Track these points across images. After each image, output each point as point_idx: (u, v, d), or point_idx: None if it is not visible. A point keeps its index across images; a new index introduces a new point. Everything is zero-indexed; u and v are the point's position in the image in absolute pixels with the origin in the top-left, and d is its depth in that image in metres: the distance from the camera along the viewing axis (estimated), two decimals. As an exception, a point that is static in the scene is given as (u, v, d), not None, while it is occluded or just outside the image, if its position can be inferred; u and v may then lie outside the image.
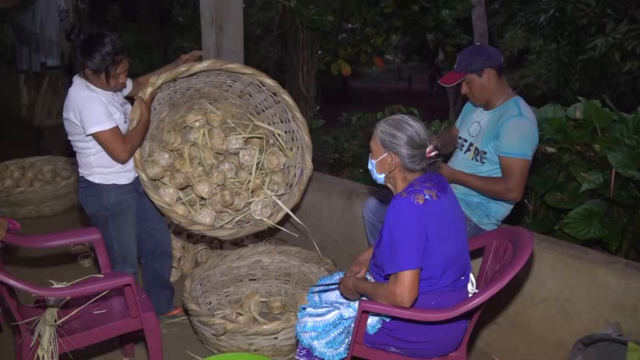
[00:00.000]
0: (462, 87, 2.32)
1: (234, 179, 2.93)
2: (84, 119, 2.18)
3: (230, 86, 2.86)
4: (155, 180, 2.73)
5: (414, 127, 1.69)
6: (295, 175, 2.92)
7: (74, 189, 4.60)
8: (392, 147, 1.70)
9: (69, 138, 2.33)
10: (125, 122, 2.35)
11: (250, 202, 2.84)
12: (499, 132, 2.19)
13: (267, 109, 2.95)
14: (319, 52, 4.76)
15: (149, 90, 2.41)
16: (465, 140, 2.41)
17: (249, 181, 2.90)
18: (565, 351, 2.13)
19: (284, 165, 2.93)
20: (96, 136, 2.21)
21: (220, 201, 2.77)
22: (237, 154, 2.97)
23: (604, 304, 2.07)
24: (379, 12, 5.04)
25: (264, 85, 2.72)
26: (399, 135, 1.68)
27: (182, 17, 12.71)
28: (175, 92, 2.72)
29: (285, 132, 2.94)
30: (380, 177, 1.79)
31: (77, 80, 2.26)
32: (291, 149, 2.94)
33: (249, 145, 2.96)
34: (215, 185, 2.82)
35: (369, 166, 1.81)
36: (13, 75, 6.65)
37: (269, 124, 3.00)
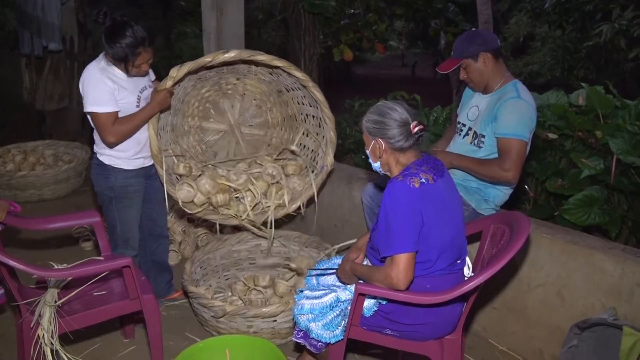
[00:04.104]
0: (461, 73, 2.33)
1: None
2: (85, 95, 2.23)
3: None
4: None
5: (394, 108, 1.71)
6: (315, 164, 2.93)
7: (75, 173, 4.62)
8: (376, 133, 1.72)
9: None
10: (137, 106, 2.36)
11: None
12: (497, 113, 2.18)
13: (297, 89, 2.93)
14: (321, 37, 4.73)
15: (169, 83, 2.40)
16: (464, 125, 2.40)
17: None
18: (561, 335, 2.14)
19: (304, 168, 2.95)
20: (91, 115, 2.25)
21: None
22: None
23: (601, 289, 2.08)
24: (382, -1, 5.00)
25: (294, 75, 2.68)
26: (381, 120, 1.71)
27: (185, 2, 12.63)
28: None
29: (314, 116, 2.96)
30: (376, 166, 1.81)
31: (100, 57, 2.29)
32: (317, 134, 2.96)
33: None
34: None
35: (369, 159, 1.84)
36: (15, 60, 6.63)
37: (298, 104, 3.00)
